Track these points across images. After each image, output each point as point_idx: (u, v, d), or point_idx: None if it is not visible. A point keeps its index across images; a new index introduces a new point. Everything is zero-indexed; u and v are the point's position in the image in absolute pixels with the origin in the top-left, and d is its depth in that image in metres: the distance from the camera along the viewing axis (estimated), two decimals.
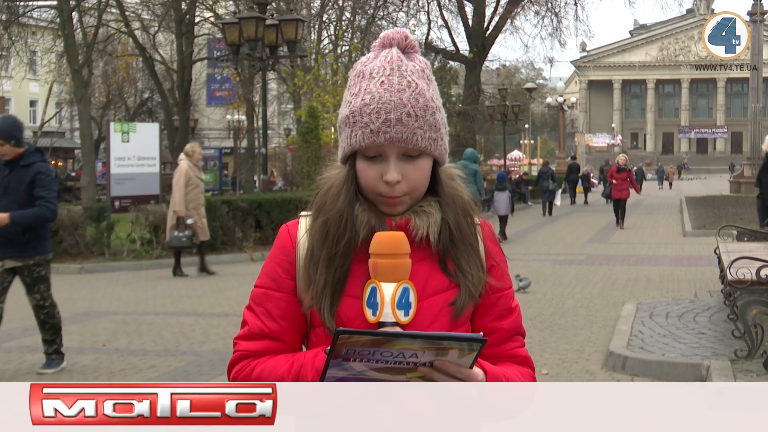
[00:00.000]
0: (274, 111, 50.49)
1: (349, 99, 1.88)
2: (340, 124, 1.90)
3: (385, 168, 1.84)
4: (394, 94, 1.83)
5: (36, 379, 7.56)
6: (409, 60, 1.89)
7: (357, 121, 1.84)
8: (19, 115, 59.34)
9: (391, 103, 1.82)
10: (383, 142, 1.83)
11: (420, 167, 1.87)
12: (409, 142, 1.83)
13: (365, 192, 1.89)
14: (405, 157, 1.85)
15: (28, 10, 31.78)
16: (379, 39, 1.92)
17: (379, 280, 1.81)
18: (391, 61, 1.87)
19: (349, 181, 1.89)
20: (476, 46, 35.32)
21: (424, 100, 1.85)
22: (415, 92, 1.84)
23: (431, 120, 1.86)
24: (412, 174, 1.86)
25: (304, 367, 1.83)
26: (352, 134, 1.86)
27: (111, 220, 17.42)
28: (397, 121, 1.82)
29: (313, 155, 20.83)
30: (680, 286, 12.63)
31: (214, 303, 11.77)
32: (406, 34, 1.91)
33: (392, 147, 1.84)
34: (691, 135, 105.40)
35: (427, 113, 1.85)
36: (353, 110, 1.85)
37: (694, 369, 7.11)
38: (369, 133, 1.83)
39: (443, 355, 1.69)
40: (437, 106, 1.88)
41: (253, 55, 19.56)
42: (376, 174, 1.85)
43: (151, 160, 18.97)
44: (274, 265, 1.95)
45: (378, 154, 1.85)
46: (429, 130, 1.86)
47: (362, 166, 1.87)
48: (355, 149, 1.87)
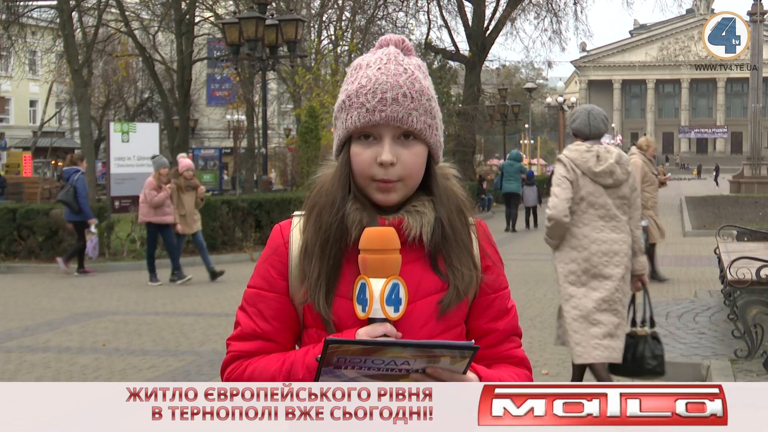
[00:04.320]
0: (274, 111, 50.49)
1: (345, 87, 1.90)
2: (336, 113, 1.91)
3: (380, 150, 1.84)
4: (390, 76, 1.84)
5: (37, 379, 7.56)
6: (406, 56, 1.91)
7: (353, 102, 1.85)
8: (19, 115, 59.69)
9: (387, 84, 1.83)
10: (378, 120, 1.83)
11: (415, 152, 1.86)
12: (405, 122, 1.83)
13: (358, 179, 1.87)
14: (400, 140, 1.85)
15: (28, 10, 31.77)
16: (377, 42, 1.95)
17: (368, 275, 1.79)
18: (388, 54, 1.89)
19: (343, 166, 1.89)
20: (476, 46, 35.32)
21: (420, 86, 1.86)
22: (411, 77, 1.86)
23: (427, 105, 1.87)
24: (407, 158, 1.85)
25: (294, 365, 1.83)
26: (348, 118, 1.86)
27: (111, 220, 17.44)
28: (393, 101, 1.83)
29: (313, 155, 20.83)
30: (680, 286, 12.64)
31: (214, 303, 11.78)
32: (403, 38, 1.93)
33: (387, 128, 1.84)
34: (691, 135, 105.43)
35: (422, 97, 1.86)
36: (349, 94, 1.87)
37: (694, 369, 7.12)
38: (365, 112, 1.83)
39: (435, 362, 1.69)
40: (433, 97, 1.90)
41: (253, 55, 19.56)
42: (371, 157, 1.84)
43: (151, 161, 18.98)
44: (266, 265, 1.95)
45: (372, 135, 1.85)
46: (424, 114, 1.86)
47: (357, 150, 1.86)
48: (351, 131, 1.86)
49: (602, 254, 5.66)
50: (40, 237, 16.54)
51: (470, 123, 35.63)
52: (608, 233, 5.69)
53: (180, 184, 13.78)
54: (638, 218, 5.87)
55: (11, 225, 16.64)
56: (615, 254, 5.67)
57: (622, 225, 5.74)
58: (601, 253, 5.66)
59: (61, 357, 8.49)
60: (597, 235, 5.68)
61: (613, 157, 5.71)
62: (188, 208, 13.85)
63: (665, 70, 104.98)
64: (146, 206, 13.65)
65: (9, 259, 16.43)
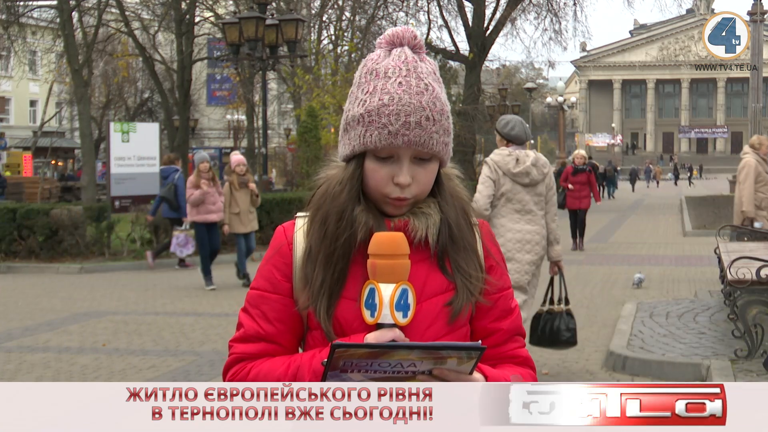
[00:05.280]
0: (274, 111, 50.46)
1: (363, 98, 1.85)
2: (349, 121, 1.87)
3: (397, 170, 1.83)
4: (413, 96, 1.81)
5: (37, 379, 7.56)
6: (421, 61, 1.87)
7: (374, 120, 1.82)
8: (19, 115, 59.67)
9: (411, 106, 1.81)
10: (401, 144, 1.81)
11: (430, 170, 1.87)
12: (426, 146, 1.82)
13: (371, 192, 1.87)
14: (417, 160, 1.84)
15: (28, 10, 31.76)
16: (387, 36, 1.88)
17: (377, 281, 1.79)
18: (406, 61, 1.85)
19: (354, 179, 1.87)
20: (476, 46, 35.28)
21: (440, 105, 1.85)
22: (432, 96, 1.83)
23: (446, 124, 1.86)
24: (423, 177, 1.85)
25: (301, 368, 1.82)
26: (366, 133, 1.83)
27: (111, 220, 17.44)
28: (416, 125, 1.81)
29: (313, 155, 20.84)
30: (680, 286, 12.64)
31: (214, 303, 11.78)
32: (415, 33, 1.89)
33: (407, 149, 1.82)
34: (691, 135, 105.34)
35: (443, 118, 1.85)
36: (369, 109, 1.82)
37: (694, 369, 7.12)
38: (387, 134, 1.81)
39: (442, 364, 1.69)
40: (448, 110, 1.88)
41: (253, 55, 19.55)
42: (387, 175, 1.83)
43: (151, 160, 19.00)
44: (269, 267, 1.93)
45: (390, 155, 1.83)
46: (443, 135, 1.85)
47: (373, 166, 1.85)
48: (369, 149, 1.84)
49: (516, 242, 6.57)
50: (40, 237, 16.53)
51: (470, 123, 35.57)
52: (523, 225, 6.65)
53: (232, 181, 13.17)
54: (554, 213, 6.86)
55: (11, 225, 16.63)
56: (527, 243, 6.63)
57: (537, 219, 6.69)
58: (515, 241, 6.57)
59: (61, 357, 8.49)
60: (512, 225, 6.62)
61: (530, 160, 6.64)
62: (242, 206, 13.09)
63: (665, 70, 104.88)
64: (189, 205, 13.21)
65: (9, 259, 16.43)
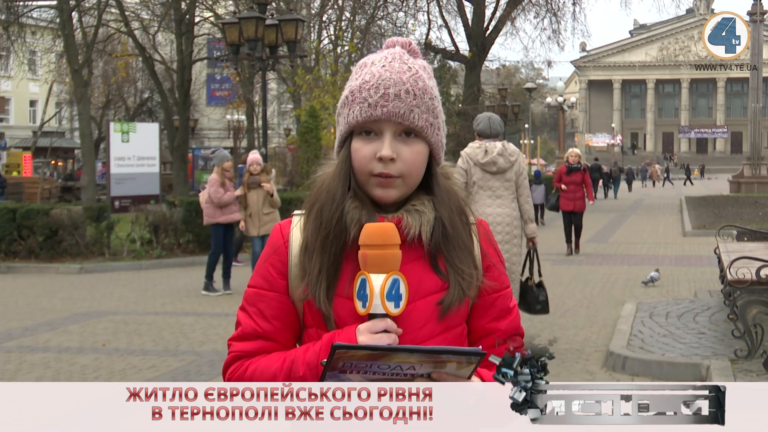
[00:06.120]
0: (274, 111, 50.48)
1: (349, 84, 1.90)
2: (339, 108, 1.91)
3: (380, 145, 1.84)
4: (394, 73, 1.85)
5: (37, 379, 7.56)
6: (413, 56, 1.92)
7: (356, 98, 1.86)
8: (19, 115, 59.66)
9: (390, 80, 1.84)
10: (380, 115, 1.83)
11: (415, 150, 1.87)
12: (406, 118, 1.83)
13: (358, 174, 1.87)
14: (401, 137, 1.85)
15: (28, 10, 31.76)
16: (384, 44, 1.96)
17: (368, 271, 1.79)
18: (393, 53, 1.90)
19: (343, 161, 1.89)
20: (476, 46, 35.28)
21: (423, 84, 1.87)
22: (414, 75, 1.86)
23: (429, 103, 1.87)
24: (407, 155, 1.85)
25: (295, 363, 1.83)
26: (349, 113, 1.86)
27: (111, 220, 17.45)
28: (395, 96, 1.83)
29: (313, 155, 20.82)
30: (680, 286, 12.63)
31: (214, 303, 11.77)
32: (410, 41, 1.93)
33: (388, 124, 1.84)
34: (691, 135, 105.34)
35: (425, 96, 1.86)
36: (352, 89, 1.87)
37: (694, 369, 7.11)
38: (366, 107, 1.83)
39: (441, 368, 1.69)
40: (436, 97, 1.90)
41: (253, 55, 19.54)
42: (371, 152, 1.85)
43: (151, 160, 19.04)
44: (266, 265, 1.95)
45: (374, 132, 1.85)
46: (426, 112, 1.86)
47: (357, 145, 1.87)
48: (352, 126, 1.87)
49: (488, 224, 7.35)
50: (40, 237, 16.53)
51: (470, 123, 35.59)
52: (494, 208, 7.44)
53: (244, 181, 12.49)
54: (527, 195, 7.66)
55: (11, 225, 16.63)
56: (498, 224, 7.37)
57: (507, 203, 7.51)
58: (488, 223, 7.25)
59: (61, 357, 8.49)
60: (484, 209, 7.35)
61: (497, 150, 7.53)
62: (254, 207, 12.30)
63: (665, 70, 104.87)
64: (212, 206, 12.38)
65: (9, 259, 16.42)
